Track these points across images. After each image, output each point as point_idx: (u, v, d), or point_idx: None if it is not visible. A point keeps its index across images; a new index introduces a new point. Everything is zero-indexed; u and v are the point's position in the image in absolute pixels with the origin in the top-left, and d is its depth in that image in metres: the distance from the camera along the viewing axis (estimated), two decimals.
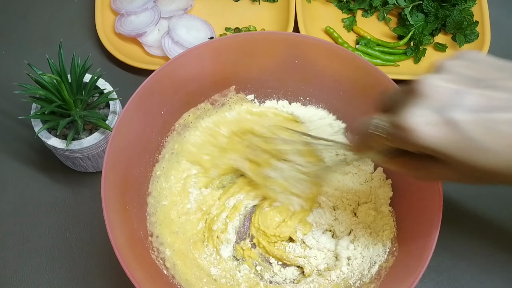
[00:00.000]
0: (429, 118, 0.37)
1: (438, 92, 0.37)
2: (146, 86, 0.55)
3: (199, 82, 0.60)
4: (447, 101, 0.37)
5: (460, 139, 0.36)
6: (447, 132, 0.37)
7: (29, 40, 0.78)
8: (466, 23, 0.77)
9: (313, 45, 0.59)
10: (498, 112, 0.36)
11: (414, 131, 0.37)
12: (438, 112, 0.37)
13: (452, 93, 0.37)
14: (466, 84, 0.38)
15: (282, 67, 0.61)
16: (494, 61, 0.40)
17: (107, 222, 0.48)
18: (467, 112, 0.36)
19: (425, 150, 0.38)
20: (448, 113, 0.37)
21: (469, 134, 0.36)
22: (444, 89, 0.37)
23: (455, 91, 0.37)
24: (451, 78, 0.38)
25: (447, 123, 0.37)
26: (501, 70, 0.39)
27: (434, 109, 0.37)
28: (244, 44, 0.59)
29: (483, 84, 0.37)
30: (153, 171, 0.59)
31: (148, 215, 0.56)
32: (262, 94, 0.63)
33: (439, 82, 0.38)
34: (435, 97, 0.37)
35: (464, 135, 0.36)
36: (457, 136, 0.36)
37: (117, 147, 0.52)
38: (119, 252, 0.47)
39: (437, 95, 0.37)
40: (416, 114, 0.37)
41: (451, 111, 0.37)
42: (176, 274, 0.55)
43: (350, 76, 0.59)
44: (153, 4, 0.78)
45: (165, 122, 0.59)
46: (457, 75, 0.38)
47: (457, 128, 0.36)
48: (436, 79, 0.38)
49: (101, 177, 0.49)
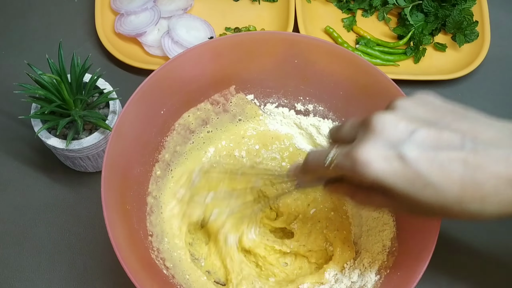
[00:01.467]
0: (381, 152, 0.38)
1: (391, 128, 0.39)
2: (146, 86, 0.55)
3: (199, 82, 0.60)
4: (398, 137, 0.39)
5: (409, 174, 0.38)
6: (397, 166, 0.38)
7: (29, 40, 0.78)
8: (466, 23, 0.77)
9: (313, 45, 0.59)
10: (445, 150, 0.38)
11: (367, 164, 0.39)
12: (390, 147, 0.38)
13: (403, 130, 0.39)
14: (416, 122, 0.39)
15: (282, 67, 0.61)
16: (446, 104, 0.41)
17: (107, 221, 0.48)
18: (416, 148, 0.38)
19: (374, 183, 0.39)
20: (400, 149, 0.38)
21: (418, 169, 0.38)
22: (397, 126, 0.39)
23: (407, 128, 0.39)
24: (404, 116, 0.40)
25: (398, 158, 0.38)
26: (451, 112, 0.40)
27: (386, 145, 0.39)
28: (244, 44, 0.59)
29: (434, 124, 0.39)
30: (153, 171, 0.59)
31: (148, 215, 0.56)
32: (262, 94, 0.63)
33: (393, 119, 0.39)
34: (387, 133, 0.39)
35: (413, 171, 0.38)
36: (406, 171, 0.38)
37: (117, 146, 0.52)
38: (119, 252, 0.47)
39: (389, 131, 0.39)
40: (369, 148, 0.39)
41: (402, 147, 0.38)
42: (176, 274, 0.55)
43: (350, 76, 0.59)
44: (153, 4, 0.78)
45: (165, 122, 0.59)
46: (409, 114, 0.40)
47: (407, 163, 0.38)
48: (389, 116, 0.39)
49: (101, 177, 0.49)
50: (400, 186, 0.39)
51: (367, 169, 0.39)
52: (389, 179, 0.39)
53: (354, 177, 0.41)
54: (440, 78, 0.75)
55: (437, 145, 0.38)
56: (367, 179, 0.39)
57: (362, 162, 0.39)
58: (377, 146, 0.39)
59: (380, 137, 0.39)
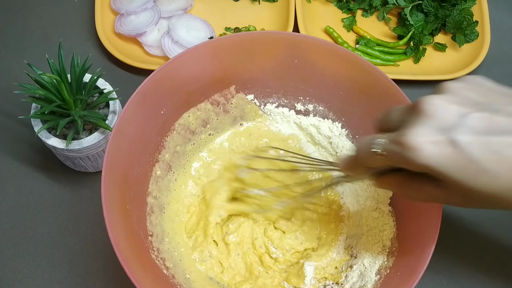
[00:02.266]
0: (432, 137, 0.37)
1: (442, 112, 0.38)
2: (146, 86, 0.55)
3: (199, 82, 0.60)
4: (450, 121, 0.37)
5: (461, 159, 0.37)
6: (449, 152, 0.37)
7: (29, 40, 0.78)
8: (466, 23, 0.77)
9: (313, 45, 0.59)
10: (500, 135, 0.37)
11: (417, 149, 0.37)
12: (441, 132, 0.37)
13: (456, 114, 0.37)
14: (469, 106, 0.38)
15: (282, 67, 0.61)
16: (498, 87, 0.40)
17: (107, 221, 0.48)
18: (469, 133, 0.37)
19: (425, 169, 0.38)
20: (451, 134, 0.37)
21: (471, 155, 0.37)
22: (448, 109, 0.38)
23: (458, 112, 0.38)
24: (455, 100, 0.38)
25: (449, 143, 0.37)
26: (504, 95, 0.39)
27: (437, 129, 0.37)
28: (244, 44, 0.59)
29: (486, 108, 0.38)
30: (153, 171, 0.59)
31: (148, 215, 0.56)
32: (262, 94, 0.64)
33: (443, 102, 0.38)
34: (439, 117, 0.38)
35: (466, 156, 0.37)
36: (458, 157, 0.37)
37: (117, 146, 0.52)
38: (119, 252, 0.47)
39: (441, 115, 0.38)
40: (419, 133, 0.38)
41: (454, 132, 0.37)
42: (176, 273, 0.55)
43: (350, 76, 0.59)
44: (153, 4, 0.78)
45: (165, 122, 0.59)
46: (461, 97, 0.39)
47: (459, 149, 0.37)
48: (440, 100, 0.38)
49: (101, 177, 0.49)
50: (452, 173, 0.37)
51: (417, 155, 0.37)
52: (440, 165, 0.37)
53: (403, 165, 0.39)
54: (440, 78, 0.75)
55: (490, 130, 0.37)
56: (417, 166, 0.38)
57: (412, 147, 0.37)
58: (427, 130, 0.37)
59: (430, 121, 0.38)
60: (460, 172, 0.37)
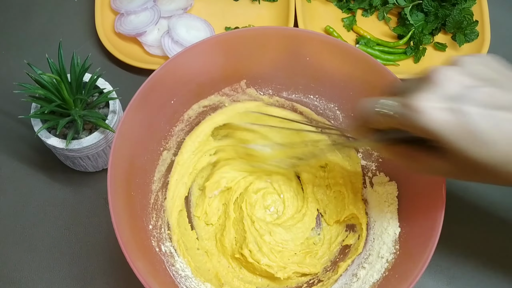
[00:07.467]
0: (438, 104, 0.38)
1: (451, 82, 0.39)
2: (158, 76, 0.54)
3: (210, 74, 0.59)
4: (458, 92, 0.38)
5: (465, 128, 0.38)
6: (454, 119, 0.38)
7: (29, 40, 0.78)
8: (466, 22, 0.77)
9: (325, 43, 0.58)
10: (504, 110, 0.38)
11: (422, 112, 0.38)
12: (448, 100, 0.38)
13: (464, 86, 0.39)
14: (479, 80, 0.39)
15: (293, 64, 0.60)
16: (508, 66, 0.42)
17: (111, 206, 0.47)
18: (476, 105, 0.38)
19: (427, 134, 0.39)
20: (458, 103, 0.38)
21: (474, 125, 0.38)
22: (457, 80, 0.39)
23: (467, 84, 0.39)
24: (466, 72, 0.40)
25: (455, 111, 0.38)
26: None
27: (445, 97, 0.38)
28: (255, 39, 0.58)
29: (495, 84, 0.39)
30: (160, 159, 0.59)
31: (152, 203, 0.56)
32: (272, 90, 0.63)
33: (454, 73, 0.39)
34: (447, 86, 0.39)
35: (469, 124, 0.38)
36: (462, 125, 0.38)
37: (126, 133, 0.52)
38: (121, 239, 0.46)
39: (449, 85, 0.39)
40: (426, 98, 0.39)
41: (461, 102, 0.38)
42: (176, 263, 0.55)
43: (360, 76, 0.58)
44: (153, 3, 0.78)
45: (175, 112, 0.59)
46: (472, 71, 0.40)
47: (463, 117, 0.38)
48: (452, 70, 0.40)
49: (108, 164, 0.49)
50: (454, 140, 0.38)
51: (421, 117, 0.38)
52: (444, 130, 0.38)
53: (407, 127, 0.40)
54: None
55: (496, 105, 0.38)
56: (420, 129, 0.39)
57: (417, 110, 0.38)
58: (435, 96, 0.38)
59: (439, 89, 0.39)
60: (461, 141, 0.38)
